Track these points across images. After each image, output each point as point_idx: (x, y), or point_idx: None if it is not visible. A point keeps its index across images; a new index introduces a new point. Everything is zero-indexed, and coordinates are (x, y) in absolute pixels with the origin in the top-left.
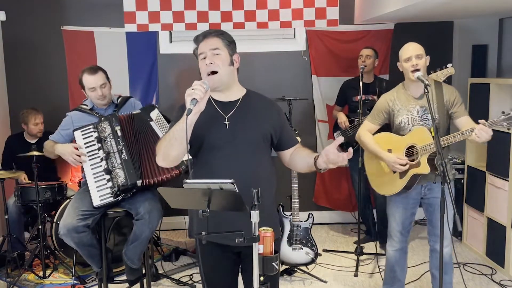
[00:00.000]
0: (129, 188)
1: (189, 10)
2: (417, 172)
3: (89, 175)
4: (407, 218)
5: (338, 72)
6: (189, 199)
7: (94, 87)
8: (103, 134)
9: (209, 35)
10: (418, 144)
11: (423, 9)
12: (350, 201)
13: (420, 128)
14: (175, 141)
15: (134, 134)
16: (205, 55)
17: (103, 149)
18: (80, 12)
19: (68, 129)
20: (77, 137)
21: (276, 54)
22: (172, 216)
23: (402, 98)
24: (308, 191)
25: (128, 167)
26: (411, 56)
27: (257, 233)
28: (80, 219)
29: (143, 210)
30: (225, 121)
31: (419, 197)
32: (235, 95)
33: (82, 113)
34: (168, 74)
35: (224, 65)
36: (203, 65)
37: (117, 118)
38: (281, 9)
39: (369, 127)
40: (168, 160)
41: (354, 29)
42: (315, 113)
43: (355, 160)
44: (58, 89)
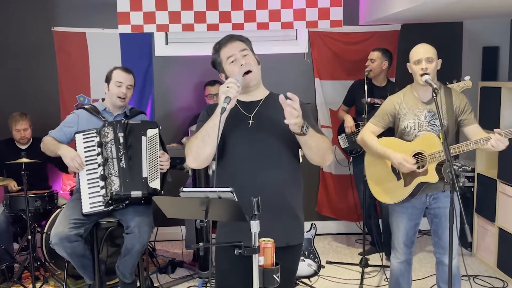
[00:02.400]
0: (122, 198)
1: (186, 11)
2: (424, 181)
3: (83, 181)
4: (411, 228)
5: (342, 76)
6: (186, 208)
7: (122, 83)
8: (104, 139)
9: (231, 39)
10: (426, 151)
11: (431, 9)
12: (354, 211)
13: (428, 134)
14: (208, 138)
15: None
16: (235, 58)
17: (102, 154)
18: (71, 13)
19: (72, 127)
20: (78, 140)
21: (277, 56)
22: (168, 226)
23: (410, 101)
24: (310, 200)
25: (125, 176)
26: (421, 59)
27: (257, 244)
28: (72, 227)
29: (133, 224)
30: (248, 120)
31: (423, 207)
32: (258, 95)
33: (89, 114)
34: (164, 78)
35: (256, 65)
36: (235, 68)
37: (122, 125)
38: (282, 9)
39: (372, 129)
40: (200, 160)
41: (359, 30)
42: (318, 118)
43: (360, 168)
44: (48, 94)
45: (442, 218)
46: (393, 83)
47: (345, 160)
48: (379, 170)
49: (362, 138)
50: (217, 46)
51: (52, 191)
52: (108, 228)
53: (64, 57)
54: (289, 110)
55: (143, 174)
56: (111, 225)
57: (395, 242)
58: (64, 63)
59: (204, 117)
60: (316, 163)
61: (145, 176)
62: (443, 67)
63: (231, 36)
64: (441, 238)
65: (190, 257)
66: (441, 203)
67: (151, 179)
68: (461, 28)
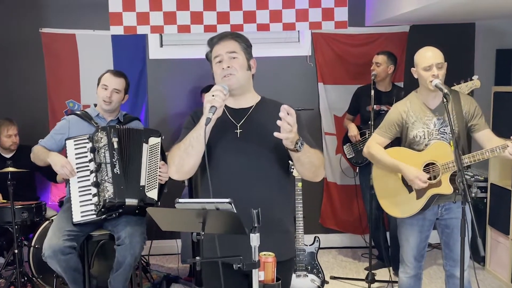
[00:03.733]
0: (115, 206)
1: (182, 11)
2: (438, 192)
3: (74, 188)
4: (422, 241)
5: (347, 80)
6: (182, 220)
7: (107, 86)
8: (97, 144)
9: (225, 37)
10: (439, 161)
11: (441, 9)
12: (360, 223)
13: (440, 143)
14: (192, 149)
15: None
16: (221, 58)
17: (94, 160)
18: (60, 13)
19: (63, 134)
20: (68, 146)
21: (278, 59)
22: (162, 240)
23: (417, 109)
24: (314, 211)
25: (119, 182)
26: (432, 65)
27: (258, 258)
28: (67, 239)
29: (124, 234)
30: (236, 129)
31: (435, 218)
32: (248, 102)
33: (81, 120)
34: (159, 82)
35: (242, 69)
36: (218, 69)
37: (116, 129)
38: (284, 10)
39: (379, 140)
40: (183, 171)
41: (365, 32)
42: (322, 125)
43: (366, 177)
44: (36, 99)
45: (454, 229)
46: (399, 87)
47: (350, 170)
48: (388, 183)
49: (369, 151)
50: (211, 42)
51: (40, 202)
52: (100, 241)
53: (52, 60)
54: (281, 124)
55: (141, 182)
56: (103, 238)
57: (404, 256)
58: (52, 67)
59: (190, 123)
60: (307, 179)
61: (142, 184)
62: (454, 71)
63: (227, 33)
64: (453, 250)
65: (186, 272)
66: (454, 214)
67: (148, 188)
68: (473, 29)
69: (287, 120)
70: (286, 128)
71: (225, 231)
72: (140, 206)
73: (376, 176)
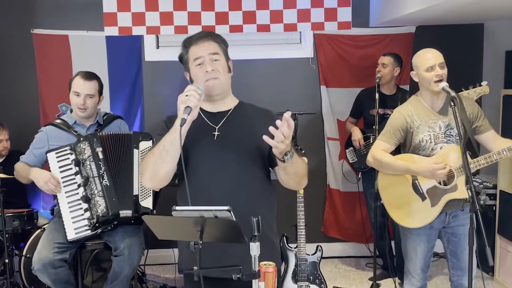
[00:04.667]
0: (110, 219)
1: (179, 11)
2: (454, 197)
3: (63, 204)
4: (429, 251)
5: (350, 83)
6: (179, 229)
7: (79, 93)
8: (81, 156)
9: (204, 38)
10: (453, 165)
11: (449, 9)
12: (364, 231)
13: (451, 146)
14: (166, 154)
15: (118, 156)
16: (202, 61)
17: (81, 173)
18: (53, 14)
19: (43, 147)
20: (50, 159)
21: (279, 61)
22: (159, 249)
23: (421, 112)
24: (316, 219)
25: (110, 194)
26: (435, 65)
27: (258, 268)
28: (57, 252)
29: (123, 245)
30: (214, 132)
31: (441, 227)
32: (226, 105)
33: (59, 130)
34: (155, 85)
35: (224, 72)
36: (200, 72)
37: (98, 138)
38: (285, 10)
39: (383, 147)
40: (157, 179)
41: (369, 33)
42: (324, 130)
43: (370, 184)
44: (27, 102)
45: (461, 237)
46: (404, 90)
47: (353, 175)
48: (399, 192)
49: (374, 157)
50: (188, 42)
51: (31, 210)
52: (94, 250)
53: (44, 63)
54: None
55: (134, 191)
56: (97, 248)
57: (411, 268)
58: (44, 69)
59: (164, 130)
60: (289, 187)
61: (136, 194)
62: (462, 73)
63: (206, 34)
64: (460, 259)
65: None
66: (460, 221)
67: (142, 197)
68: (481, 30)
69: (283, 131)
70: (279, 138)
71: (224, 240)
72: (135, 216)
73: (384, 187)
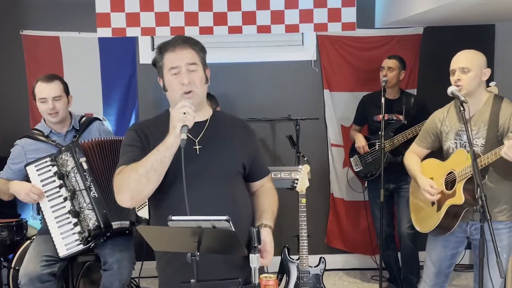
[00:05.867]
0: (102, 232)
1: (175, 11)
2: (453, 203)
3: (50, 219)
4: (445, 258)
5: (355, 87)
6: (175, 240)
7: (46, 98)
8: (64, 168)
9: (182, 44)
10: (456, 169)
11: (458, 9)
12: (369, 242)
13: (459, 151)
14: (154, 173)
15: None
16: (178, 71)
17: (66, 186)
18: (43, 14)
19: (20, 162)
20: (31, 173)
21: (280, 64)
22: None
23: (453, 118)
24: (319, 230)
25: (99, 206)
26: (455, 69)
27: (258, 280)
28: (45, 266)
29: (111, 259)
30: (195, 145)
31: (464, 236)
32: (202, 115)
33: (35, 141)
34: (150, 89)
35: (201, 84)
36: (175, 83)
37: (80, 147)
38: (286, 10)
39: (415, 150)
40: (139, 198)
41: (375, 34)
42: (328, 136)
43: (376, 192)
44: (16, 107)
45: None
46: (409, 94)
47: (359, 184)
48: (418, 197)
49: (404, 159)
50: (163, 47)
51: (20, 220)
52: (85, 263)
53: (34, 66)
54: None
55: None
56: (88, 260)
57: (425, 271)
58: (34, 72)
59: (135, 140)
60: None
61: None
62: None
63: (183, 39)
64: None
65: None
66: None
67: (139, 207)
68: (493, 31)
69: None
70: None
71: (222, 251)
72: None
73: (412, 190)
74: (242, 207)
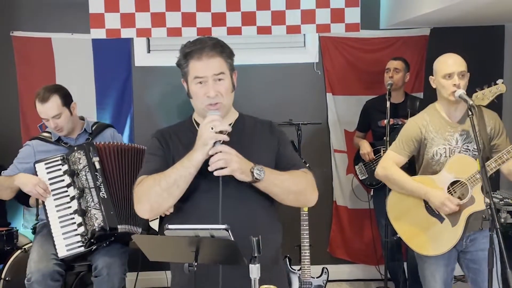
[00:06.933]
0: (106, 234)
1: (172, 12)
2: (474, 210)
3: (53, 219)
4: (449, 276)
5: (359, 90)
6: (172, 249)
7: (46, 118)
8: (76, 166)
9: (210, 51)
10: (463, 176)
11: (467, 10)
12: (374, 252)
13: (459, 156)
14: (176, 189)
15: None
16: (205, 80)
17: (74, 185)
18: (34, 15)
19: (29, 162)
20: (39, 170)
21: (281, 66)
22: (150, 271)
23: (437, 123)
24: (321, 239)
25: (107, 207)
26: (453, 73)
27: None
28: (56, 264)
29: (101, 265)
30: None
31: (459, 250)
32: (226, 122)
33: (46, 143)
34: (146, 93)
35: (227, 93)
36: (201, 93)
37: (94, 147)
38: (287, 10)
39: (396, 159)
40: (158, 212)
41: (380, 36)
42: (331, 141)
43: (382, 201)
44: (6, 111)
45: (482, 263)
46: (413, 97)
47: (364, 193)
48: (413, 220)
49: (386, 173)
50: (189, 53)
51: (11, 229)
52: (79, 273)
53: (25, 68)
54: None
55: None
56: (82, 270)
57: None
58: (25, 75)
59: (157, 149)
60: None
61: None
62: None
63: (211, 46)
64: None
65: None
66: (480, 245)
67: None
68: (502, 33)
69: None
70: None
71: (221, 261)
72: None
73: (396, 217)
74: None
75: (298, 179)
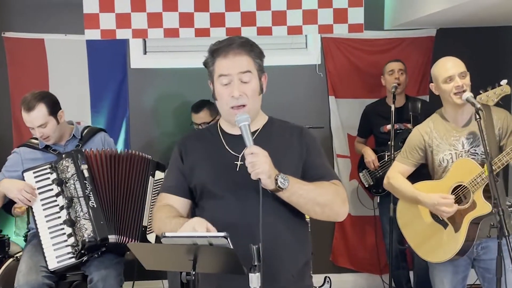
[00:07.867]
0: (97, 245)
1: (169, 12)
2: (476, 215)
3: (43, 229)
4: (459, 283)
5: (363, 93)
6: (169, 258)
7: (31, 127)
8: (64, 174)
9: (237, 49)
10: (465, 180)
11: (474, 10)
12: (378, 260)
13: (461, 161)
14: None
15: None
16: (230, 80)
17: (63, 194)
18: (27, 15)
19: (17, 170)
20: (28, 180)
21: (282, 69)
22: (147, 280)
23: (441, 129)
24: (323, 247)
25: (97, 217)
26: (454, 75)
27: None
28: (45, 276)
29: (97, 277)
30: (236, 161)
31: (471, 256)
32: (253, 126)
33: (35, 151)
34: (142, 96)
35: (254, 95)
36: (225, 94)
37: (83, 154)
38: (288, 11)
39: (401, 169)
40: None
41: (384, 37)
42: (333, 146)
43: (386, 207)
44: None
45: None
46: (415, 99)
47: (369, 200)
48: (419, 227)
49: (390, 182)
50: (215, 50)
51: (2, 236)
52: (72, 282)
53: (17, 70)
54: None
55: (144, 222)
56: (75, 279)
57: None
58: (17, 77)
59: (177, 161)
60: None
61: (144, 225)
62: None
63: (239, 44)
64: None
65: None
66: (493, 254)
67: (150, 230)
68: (510, 33)
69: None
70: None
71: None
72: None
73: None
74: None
75: (325, 190)
